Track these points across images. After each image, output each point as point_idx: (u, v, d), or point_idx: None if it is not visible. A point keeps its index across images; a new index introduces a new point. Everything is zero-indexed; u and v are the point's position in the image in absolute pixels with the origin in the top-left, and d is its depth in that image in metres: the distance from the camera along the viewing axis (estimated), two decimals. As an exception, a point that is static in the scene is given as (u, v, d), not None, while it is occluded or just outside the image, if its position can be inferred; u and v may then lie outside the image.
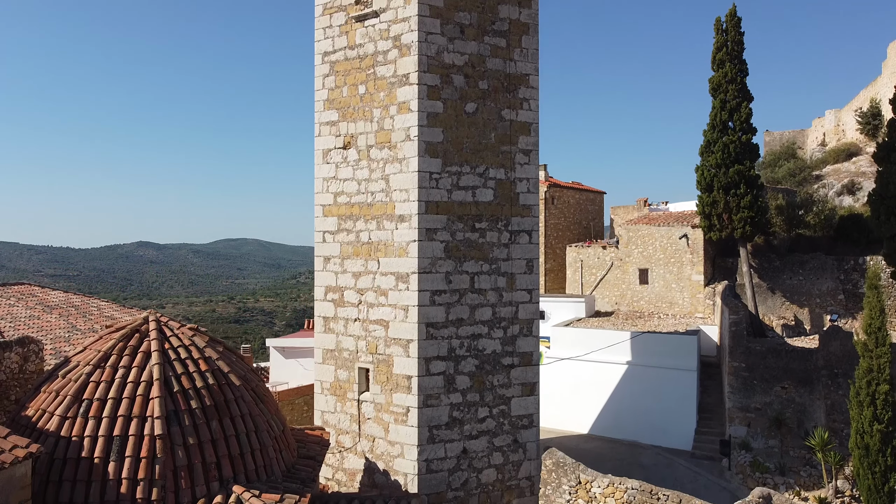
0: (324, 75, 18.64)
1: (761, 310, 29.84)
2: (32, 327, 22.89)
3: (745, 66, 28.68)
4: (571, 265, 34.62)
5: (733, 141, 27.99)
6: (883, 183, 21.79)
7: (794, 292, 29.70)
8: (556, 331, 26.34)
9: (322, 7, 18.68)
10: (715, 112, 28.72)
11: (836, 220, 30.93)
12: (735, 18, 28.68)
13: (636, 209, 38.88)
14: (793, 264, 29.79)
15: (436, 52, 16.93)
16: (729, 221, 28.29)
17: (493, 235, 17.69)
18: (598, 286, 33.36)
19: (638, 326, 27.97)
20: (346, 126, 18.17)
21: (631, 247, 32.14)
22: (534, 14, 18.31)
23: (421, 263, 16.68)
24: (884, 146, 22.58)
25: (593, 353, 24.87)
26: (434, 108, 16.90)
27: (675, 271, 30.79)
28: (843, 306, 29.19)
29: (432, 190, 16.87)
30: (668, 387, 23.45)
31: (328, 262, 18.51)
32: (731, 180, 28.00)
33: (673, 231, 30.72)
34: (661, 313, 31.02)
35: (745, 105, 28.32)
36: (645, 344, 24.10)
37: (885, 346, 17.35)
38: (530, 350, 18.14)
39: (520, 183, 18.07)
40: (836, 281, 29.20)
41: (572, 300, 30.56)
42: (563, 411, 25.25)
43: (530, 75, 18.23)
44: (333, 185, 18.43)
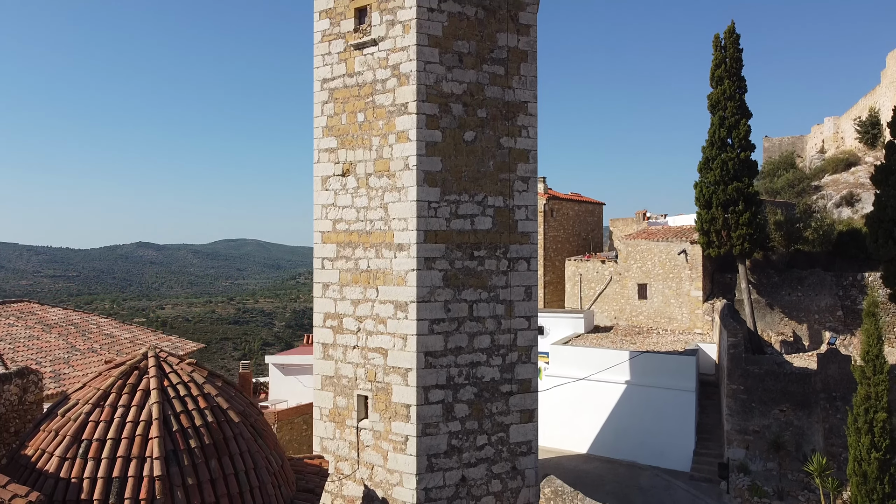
0: (322, 102, 18.66)
1: (760, 326, 29.90)
2: (32, 348, 22.96)
3: (744, 83, 28.74)
4: (570, 279, 34.66)
5: (732, 158, 28.04)
6: (880, 206, 21.83)
7: (792, 308, 29.75)
8: (555, 349, 26.37)
9: (321, 34, 18.70)
10: (714, 129, 28.78)
11: (835, 235, 30.97)
12: (734, 35, 28.72)
13: (635, 222, 38.92)
14: (791, 280, 29.83)
15: (434, 81, 16.96)
16: (728, 238, 28.35)
17: (492, 263, 17.72)
18: (597, 300, 33.39)
19: (637, 343, 28.01)
20: (344, 153, 18.19)
21: (630, 261, 32.17)
22: (532, 41, 18.34)
23: (420, 293, 16.71)
24: (882, 169, 22.61)
25: (592, 372, 24.88)
26: (433, 137, 16.94)
27: (674, 287, 30.83)
28: (841, 322, 29.24)
29: (431, 219, 16.90)
30: (666, 407, 23.49)
31: (327, 289, 18.54)
32: (730, 197, 28.05)
33: (672, 246, 30.76)
34: (660, 328, 31.06)
35: (744, 122, 28.37)
36: (643, 364, 24.14)
37: (883, 373, 17.38)
38: (529, 377, 18.17)
39: (518, 210, 18.10)
40: (835, 297, 29.25)
41: (571, 316, 30.60)
42: (562, 430, 25.29)
43: (529, 102, 18.26)
44: (332, 211, 18.45)
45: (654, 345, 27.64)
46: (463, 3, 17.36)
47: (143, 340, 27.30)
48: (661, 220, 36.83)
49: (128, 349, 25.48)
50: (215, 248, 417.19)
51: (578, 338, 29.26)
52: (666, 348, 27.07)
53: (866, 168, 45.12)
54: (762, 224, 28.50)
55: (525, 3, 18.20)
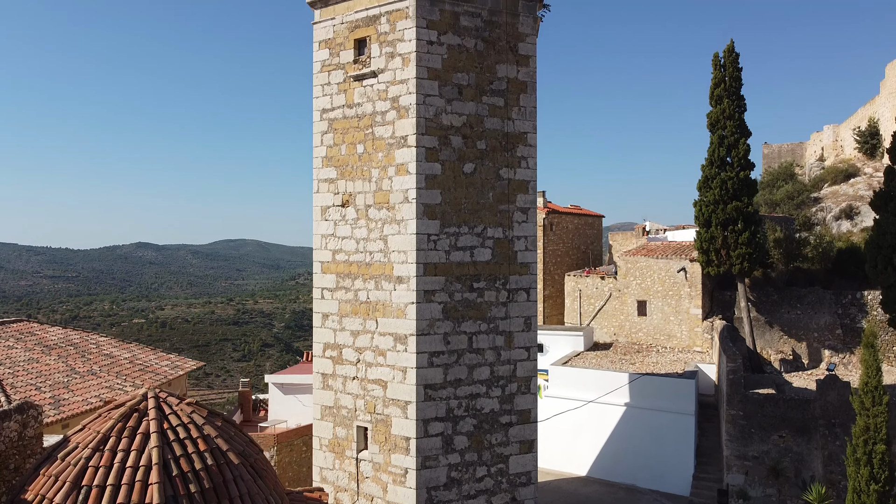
0: (322, 132, 18.66)
1: (759, 343, 29.93)
2: (31, 372, 22.98)
3: (743, 102, 28.76)
4: (570, 294, 34.68)
5: (731, 177, 28.06)
6: (879, 231, 21.85)
7: (792, 326, 29.77)
8: (555, 370, 26.39)
9: (320, 64, 18.70)
10: (713, 148, 28.79)
11: (834, 253, 30.99)
12: (733, 54, 28.73)
13: (634, 236, 38.93)
14: (791, 298, 29.86)
15: (434, 113, 16.97)
16: (727, 257, 28.37)
17: (492, 295, 17.74)
18: (597, 316, 33.41)
19: (636, 364, 28.05)
20: (344, 184, 18.20)
21: (629, 278, 32.19)
22: (532, 72, 18.34)
23: (419, 325, 16.73)
24: (881, 194, 22.63)
25: (591, 394, 24.91)
26: (432, 170, 16.95)
27: (674, 304, 30.85)
28: (840, 341, 29.27)
29: (430, 252, 16.91)
30: (665, 430, 23.51)
31: (326, 319, 18.55)
32: (729, 216, 28.08)
33: (671, 264, 30.78)
34: (659, 346, 31.09)
35: (744, 141, 28.39)
36: (643, 386, 24.16)
37: (882, 405, 17.39)
38: (528, 407, 18.18)
39: (518, 241, 18.11)
40: (834, 316, 29.28)
41: (571, 333, 30.63)
42: (561, 452, 25.31)
43: (528, 133, 18.27)
44: (332, 242, 18.46)
45: (654, 365, 27.67)
46: (462, 35, 17.37)
47: (143, 360, 27.31)
48: (660, 234, 36.83)
49: (127, 370, 25.51)
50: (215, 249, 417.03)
51: (578, 356, 29.28)
52: (665, 368, 27.10)
53: (865, 180, 45.17)
54: (761, 243, 28.52)
55: (524, 34, 18.20)
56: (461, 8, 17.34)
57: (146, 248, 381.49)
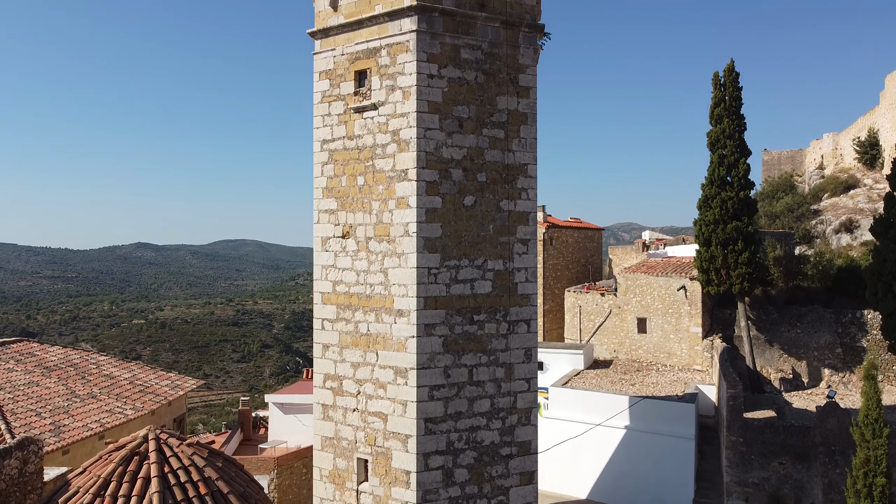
0: (322, 163, 18.65)
1: (759, 362, 29.94)
2: (32, 396, 22.94)
3: (743, 121, 28.75)
4: (570, 310, 34.69)
5: (731, 197, 28.05)
6: (879, 258, 21.85)
7: (792, 345, 29.78)
8: (555, 391, 26.40)
9: (321, 94, 18.68)
10: (713, 167, 28.78)
11: (834, 271, 30.99)
12: (733, 74, 28.72)
13: (634, 251, 38.94)
14: (791, 317, 29.87)
15: (434, 147, 16.96)
16: (727, 277, 28.37)
17: (492, 327, 17.74)
18: (597, 332, 33.42)
19: (636, 384, 28.06)
20: (344, 216, 18.19)
21: (629, 295, 32.19)
22: (532, 103, 18.33)
23: (420, 359, 16.74)
24: (881, 221, 22.63)
25: (591, 416, 24.93)
26: (433, 203, 16.94)
27: (674, 322, 30.86)
28: (840, 360, 29.28)
29: (431, 285, 16.91)
30: (665, 454, 23.52)
31: (327, 350, 18.55)
32: (729, 236, 28.07)
33: (671, 282, 30.79)
34: (659, 364, 31.09)
35: (744, 161, 28.39)
36: (643, 409, 24.17)
37: (883, 437, 17.41)
38: (529, 439, 18.19)
39: (518, 273, 18.11)
40: (834, 334, 29.28)
41: (571, 352, 30.64)
42: (561, 474, 25.32)
43: (528, 164, 18.26)
44: (332, 273, 18.46)
45: (654, 385, 27.68)
46: (463, 67, 17.36)
47: (143, 380, 27.31)
48: (660, 250, 36.83)
49: (128, 392, 25.50)
50: (214, 249, 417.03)
51: (578, 376, 29.30)
52: (666, 389, 27.11)
53: (865, 192, 45.18)
54: (761, 264, 28.51)
55: (525, 65, 18.19)
56: (462, 41, 17.34)
57: (145, 248, 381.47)
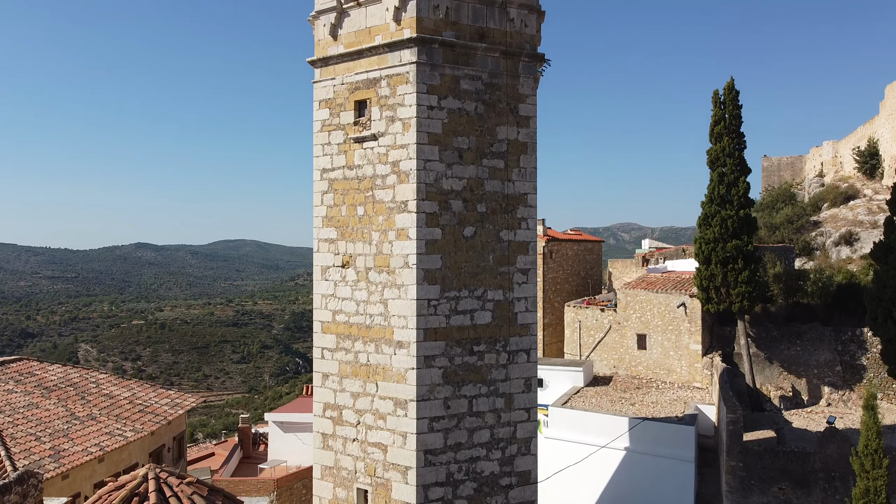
0: (322, 192, 18.63)
1: (759, 380, 29.95)
2: (31, 419, 22.91)
3: (743, 140, 28.77)
4: (570, 325, 34.69)
5: (731, 216, 28.06)
6: (880, 284, 21.84)
7: (791, 363, 29.79)
8: (555, 411, 26.41)
9: (320, 123, 18.66)
10: (713, 185, 28.79)
11: (834, 288, 31.00)
12: (733, 92, 28.72)
13: (634, 264, 38.93)
14: (791, 335, 29.87)
15: (434, 178, 16.94)
16: (727, 295, 28.38)
17: (492, 357, 17.72)
18: (597, 348, 33.42)
19: (636, 402, 28.05)
20: (344, 245, 18.17)
21: (629, 311, 32.19)
22: (532, 132, 18.31)
23: (419, 391, 16.73)
24: (881, 246, 22.62)
25: (591, 437, 24.94)
26: (433, 234, 16.93)
27: (674, 339, 30.86)
28: (840, 378, 29.29)
29: (431, 317, 16.90)
30: (665, 476, 23.52)
31: (326, 379, 18.53)
32: (729, 255, 28.08)
33: (671, 298, 30.78)
34: (659, 381, 31.10)
35: (743, 179, 28.40)
36: (643, 431, 24.17)
37: (882, 468, 17.40)
38: (528, 468, 18.18)
39: (518, 303, 18.09)
40: (834, 352, 29.29)
41: (570, 369, 30.65)
42: (562, 496, 25.29)
43: (528, 194, 18.24)
44: (332, 302, 18.44)
45: (653, 405, 27.68)
46: (463, 98, 17.34)
47: (143, 399, 27.29)
48: (660, 264, 36.81)
49: (127, 412, 25.47)
50: (214, 249, 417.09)
51: (577, 394, 29.30)
52: (665, 408, 27.11)
53: (865, 203, 45.18)
54: (761, 281, 28.52)
55: (525, 94, 18.18)
56: (461, 72, 17.32)
57: (145, 248, 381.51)
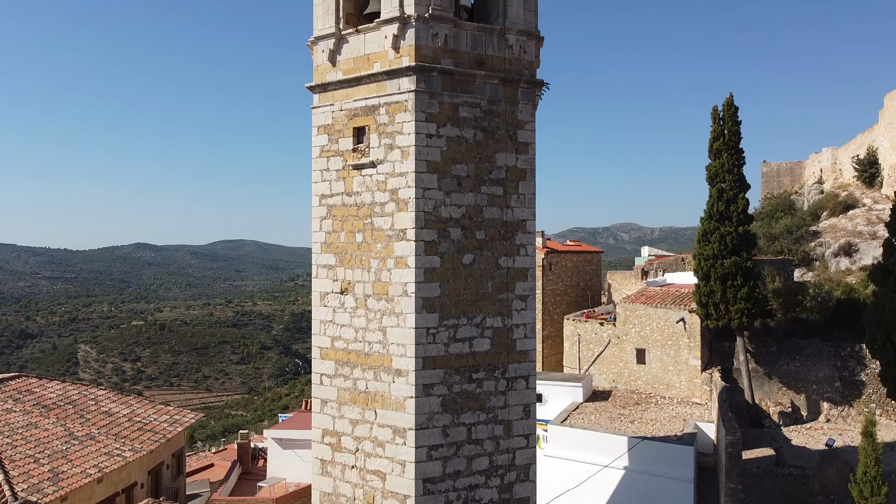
0: (321, 217, 18.61)
1: (758, 395, 29.95)
2: (30, 441, 22.89)
3: (742, 156, 28.75)
4: (569, 338, 34.69)
5: (730, 232, 28.05)
6: (878, 307, 21.84)
7: (790, 378, 29.79)
8: (555, 429, 26.41)
9: (319, 149, 18.64)
10: (712, 201, 28.79)
11: (833, 303, 31.01)
12: (732, 108, 28.71)
13: (633, 276, 38.93)
14: (790, 350, 29.87)
15: (433, 207, 16.92)
16: (726, 312, 28.39)
17: (490, 384, 17.71)
18: (596, 361, 33.43)
19: (635, 420, 28.06)
20: (343, 272, 18.16)
21: (628, 325, 32.19)
22: (531, 159, 18.30)
23: (418, 420, 16.71)
24: (880, 268, 22.62)
25: (590, 455, 24.94)
26: (431, 263, 16.91)
27: (673, 354, 30.86)
28: (839, 393, 29.30)
29: (429, 345, 16.89)
30: (664, 497, 23.50)
31: (325, 406, 18.52)
32: (728, 271, 28.08)
33: (670, 314, 30.78)
34: (658, 396, 31.10)
35: (742, 196, 28.40)
36: (642, 451, 24.17)
37: (881, 495, 17.44)
38: (527, 495, 18.16)
39: (517, 329, 18.07)
40: (833, 368, 29.29)
41: (570, 384, 30.65)
42: (560, 514, 25.32)
43: (527, 220, 18.23)
44: (331, 328, 18.42)
45: (652, 422, 27.68)
46: (462, 126, 17.32)
47: (142, 416, 27.30)
48: (659, 277, 36.82)
49: (126, 430, 25.47)
50: (214, 249, 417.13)
51: (577, 410, 29.30)
52: (664, 426, 27.11)
53: (864, 213, 45.21)
54: (760, 297, 28.53)
55: (523, 121, 18.15)
56: (460, 99, 17.29)
57: (145, 248, 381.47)
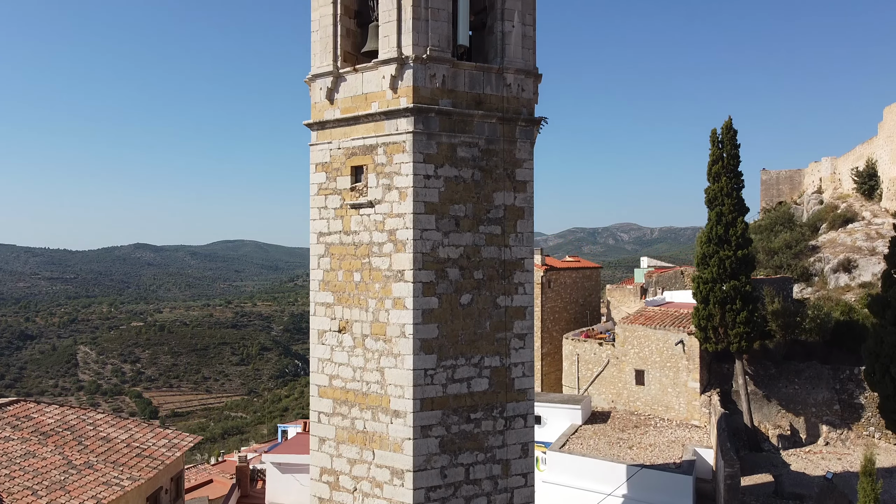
0: (319, 255, 18.58)
1: (757, 417, 29.94)
2: (28, 471, 22.81)
3: (741, 180, 28.72)
4: (568, 357, 34.67)
5: (729, 256, 28.03)
6: (877, 340, 21.82)
7: (789, 401, 29.77)
8: (553, 456, 26.39)
9: (317, 186, 18.60)
10: (711, 224, 28.75)
11: (832, 325, 30.98)
12: (731, 131, 28.68)
13: (632, 293, 38.88)
14: (789, 373, 29.86)
15: (431, 248, 16.89)
16: (725, 335, 28.37)
17: (489, 424, 17.68)
18: (595, 381, 33.40)
19: (634, 445, 28.03)
20: (341, 310, 18.12)
21: (627, 346, 32.16)
22: (529, 197, 18.26)
23: (416, 461, 16.69)
24: (878, 300, 22.58)
25: (588, 482, 24.93)
26: (429, 304, 16.88)
27: (672, 376, 30.83)
28: (838, 416, 29.28)
29: (427, 386, 16.86)
30: (663, 526, 23.50)
31: (323, 444, 18.49)
32: (727, 296, 28.05)
33: (669, 335, 30.75)
34: (657, 417, 31.07)
35: (741, 220, 28.37)
36: (640, 479, 24.15)
37: (880, 535, 17.43)
38: (525, 534, 18.15)
39: (515, 368, 18.04)
40: (832, 391, 29.28)
41: (568, 406, 30.63)
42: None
43: (525, 259, 18.19)
44: (329, 367, 18.40)
45: (651, 447, 27.66)
46: (460, 166, 17.28)
47: (140, 442, 27.21)
48: (658, 296, 36.77)
49: (125, 457, 25.40)
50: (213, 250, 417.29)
51: (575, 434, 29.28)
52: (663, 451, 27.09)
53: (864, 228, 45.16)
54: (759, 321, 28.50)
55: (522, 159, 18.12)
56: (458, 139, 17.26)
57: (144, 248, 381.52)
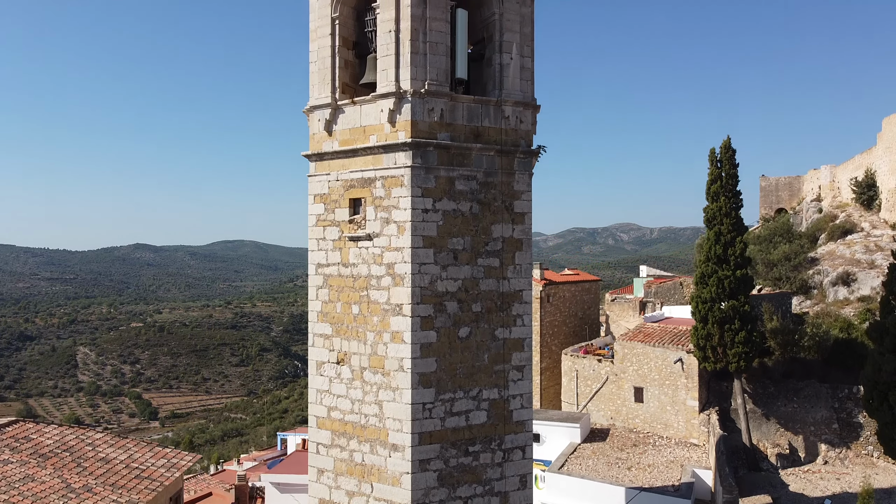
0: (317, 286, 18.59)
1: (755, 436, 29.96)
2: (27, 496, 22.83)
3: (740, 199, 28.72)
4: (567, 373, 34.69)
5: (728, 276, 28.03)
6: (875, 367, 21.84)
7: (788, 419, 29.80)
8: (552, 477, 26.43)
9: (315, 217, 18.61)
10: (710, 244, 28.75)
11: (831, 343, 31.00)
12: (730, 151, 28.68)
13: (631, 308, 38.90)
14: (787, 391, 29.88)
15: (429, 282, 16.90)
16: (723, 355, 28.37)
17: (487, 457, 17.69)
18: (594, 398, 33.43)
19: (633, 465, 28.06)
20: (339, 342, 18.13)
21: (626, 363, 32.19)
22: (527, 229, 18.27)
23: (414, 496, 16.70)
24: (876, 326, 22.60)
25: (588, 504, 25.00)
26: (427, 338, 16.89)
27: (670, 394, 30.86)
28: (837, 435, 29.31)
29: (426, 420, 16.87)
30: (661, 549, 23.57)
31: (322, 475, 18.50)
32: (726, 315, 28.07)
33: (668, 353, 30.77)
34: (656, 435, 31.10)
35: (740, 240, 28.37)
36: (639, 502, 24.19)
37: (877, 567, 17.48)
38: (523, 565, 18.17)
39: (513, 400, 18.05)
40: (831, 410, 29.31)
41: (567, 425, 30.66)
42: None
43: (524, 290, 18.20)
44: (327, 398, 18.41)
45: (650, 466, 27.70)
46: (458, 199, 17.28)
47: (139, 462, 27.16)
48: (657, 311, 36.79)
49: (124, 478, 25.38)
50: (213, 250, 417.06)
51: (574, 453, 29.31)
52: (662, 472, 27.12)
53: (863, 240, 45.18)
54: (758, 340, 28.52)
55: (520, 191, 18.12)
56: (456, 172, 17.26)
57: (144, 249, 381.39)
